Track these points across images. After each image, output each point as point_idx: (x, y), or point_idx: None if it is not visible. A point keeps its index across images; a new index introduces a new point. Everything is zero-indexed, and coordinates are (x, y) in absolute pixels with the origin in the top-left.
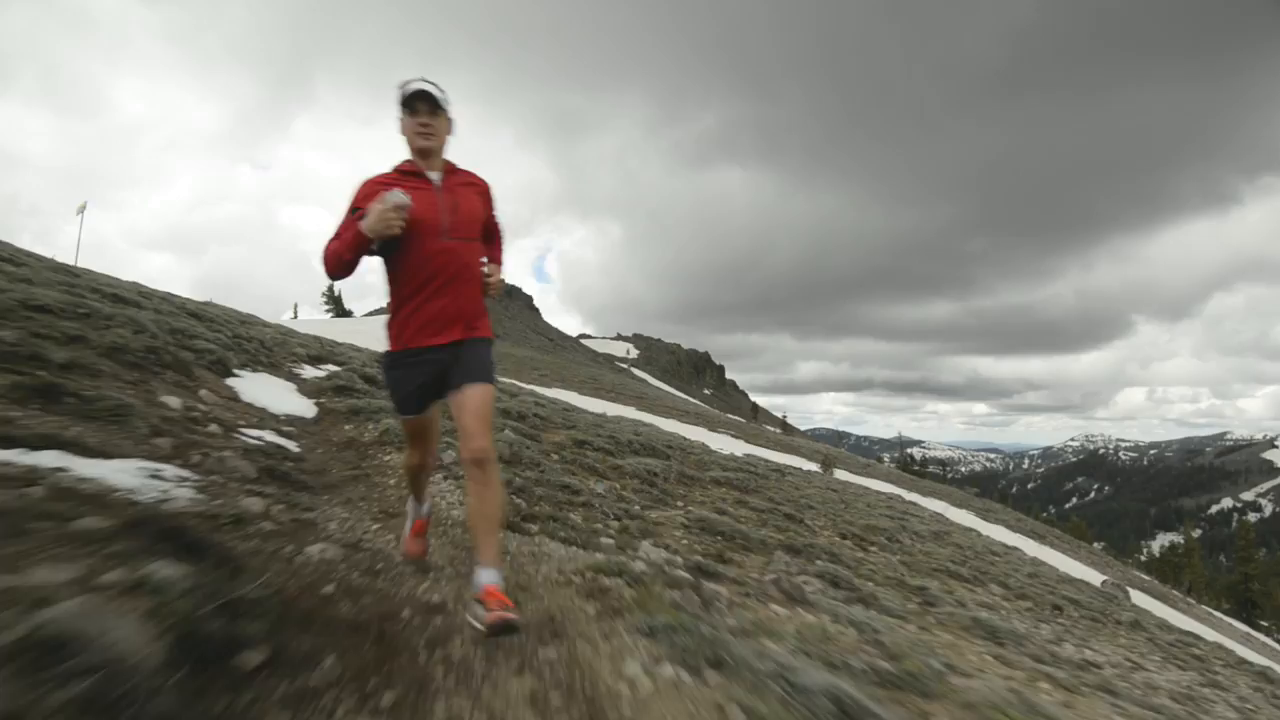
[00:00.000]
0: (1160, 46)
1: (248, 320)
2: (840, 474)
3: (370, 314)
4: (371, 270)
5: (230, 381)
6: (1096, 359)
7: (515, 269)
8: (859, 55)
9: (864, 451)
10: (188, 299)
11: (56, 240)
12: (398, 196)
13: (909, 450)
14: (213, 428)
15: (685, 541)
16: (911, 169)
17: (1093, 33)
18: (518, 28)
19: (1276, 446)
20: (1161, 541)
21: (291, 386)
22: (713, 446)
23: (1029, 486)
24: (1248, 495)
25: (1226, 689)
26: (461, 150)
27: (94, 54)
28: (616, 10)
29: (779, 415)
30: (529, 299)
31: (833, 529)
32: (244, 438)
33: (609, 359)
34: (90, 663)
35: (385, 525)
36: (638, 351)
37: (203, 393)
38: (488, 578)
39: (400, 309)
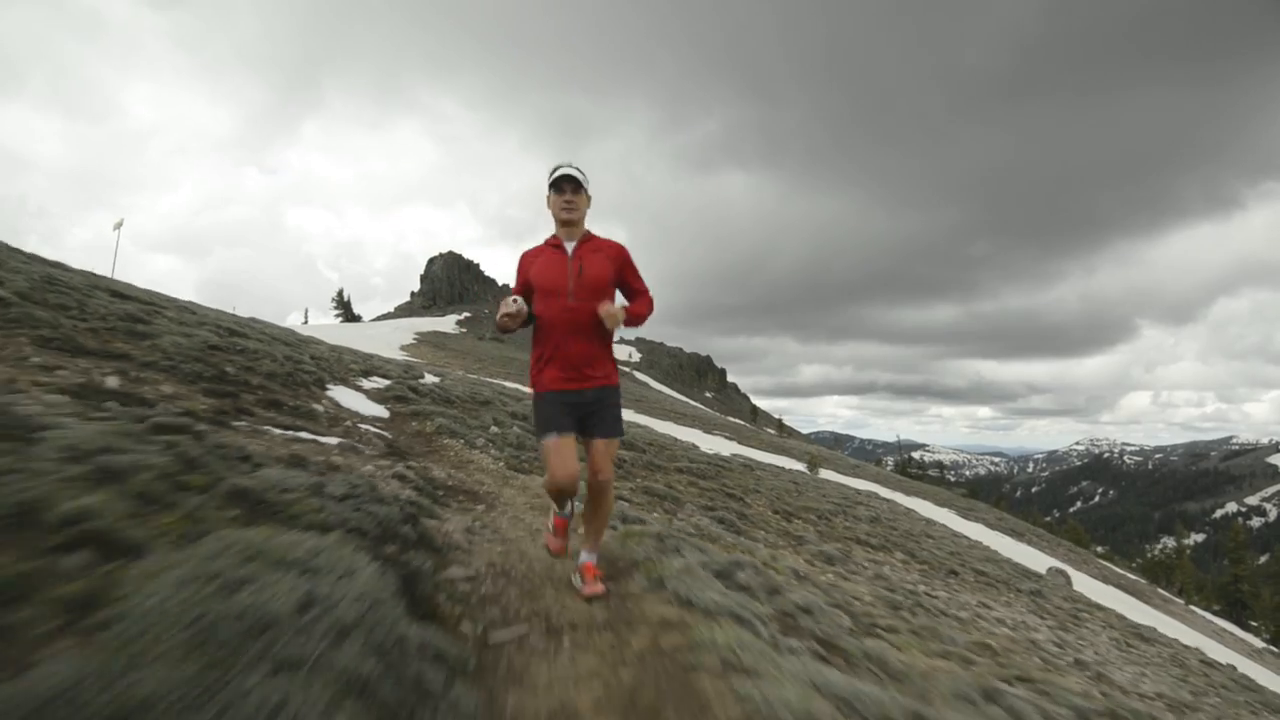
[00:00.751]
0: (1160, 52)
1: (305, 340)
2: (826, 474)
3: (376, 319)
4: (376, 274)
5: (329, 393)
6: (1101, 363)
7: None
8: (862, 60)
9: (867, 455)
10: (273, 325)
11: (64, 241)
12: (508, 306)
13: (912, 454)
14: (348, 423)
15: (626, 498)
16: (914, 173)
17: (1094, 39)
18: (524, 34)
19: None
20: (1165, 545)
21: (361, 396)
22: (702, 447)
23: (1033, 490)
24: (1252, 500)
25: (1074, 632)
26: (468, 155)
27: (104, 58)
28: (621, 16)
29: (775, 418)
30: None
31: (768, 506)
32: (363, 428)
33: None
34: (410, 481)
35: (458, 470)
36: (640, 355)
37: (324, 401)
38: (586, 557)
39: (539, 356)
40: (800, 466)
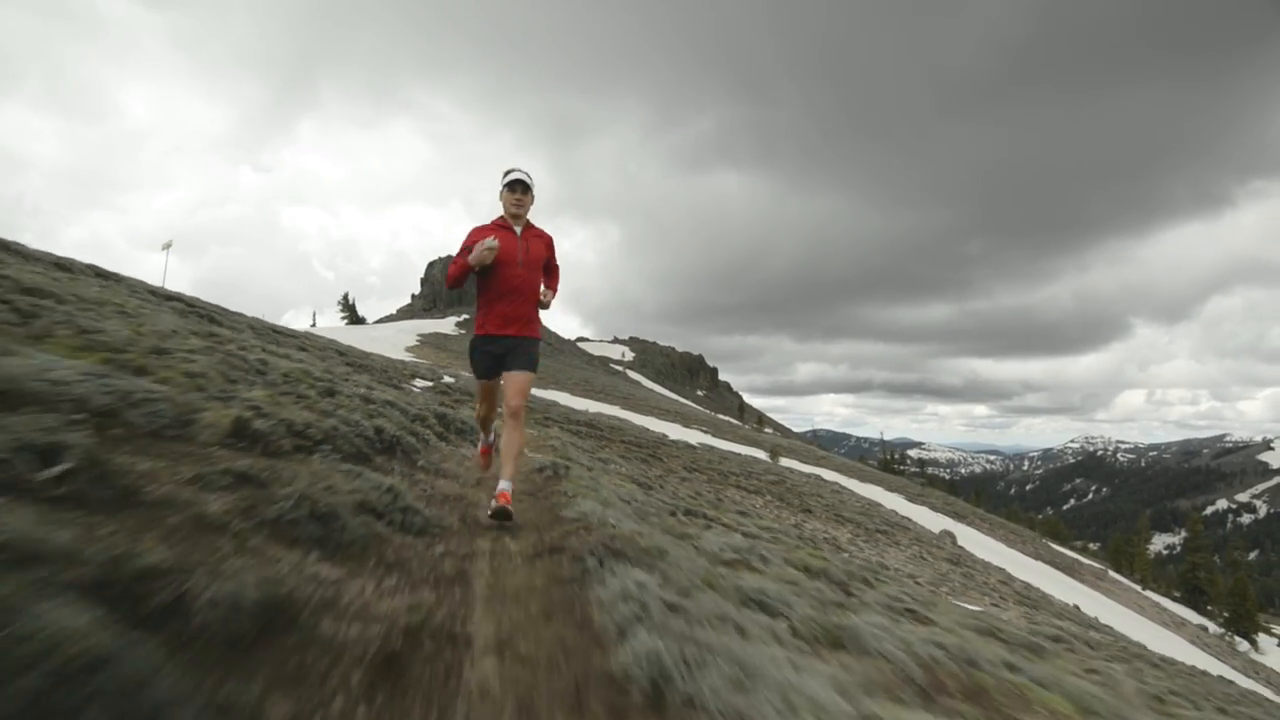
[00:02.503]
0: (1149, 52)
1: (368, 354)
2: (788, 462)
3: (380, 321)
4: (372, 273)
5: (413, 384)
6: (1095, 361)
7: None
8: (854, 59)
9: (863, 453)
10: (341, 343)
11: (59, 239)
12: (491, 241)
13: (908, 452)
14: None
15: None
16: (908, 172)
17: (1080, 40)
18: (518, 34)
19: (1272, 448)
20: (1157, 543)
21: (423, 390)
22: (671, 436)
23: (1027, 488)
24: (1242, 497)
25: (874, 543)
26: (462, 155)
27: (101, 58)
28: (615, 16)
29: (756, 414)
30: None
31: (680, 465)
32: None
33: (604, 361)
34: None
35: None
36: (633, 354)
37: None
38: (504, 485)
39: (483, 309)
40: (763, 455)
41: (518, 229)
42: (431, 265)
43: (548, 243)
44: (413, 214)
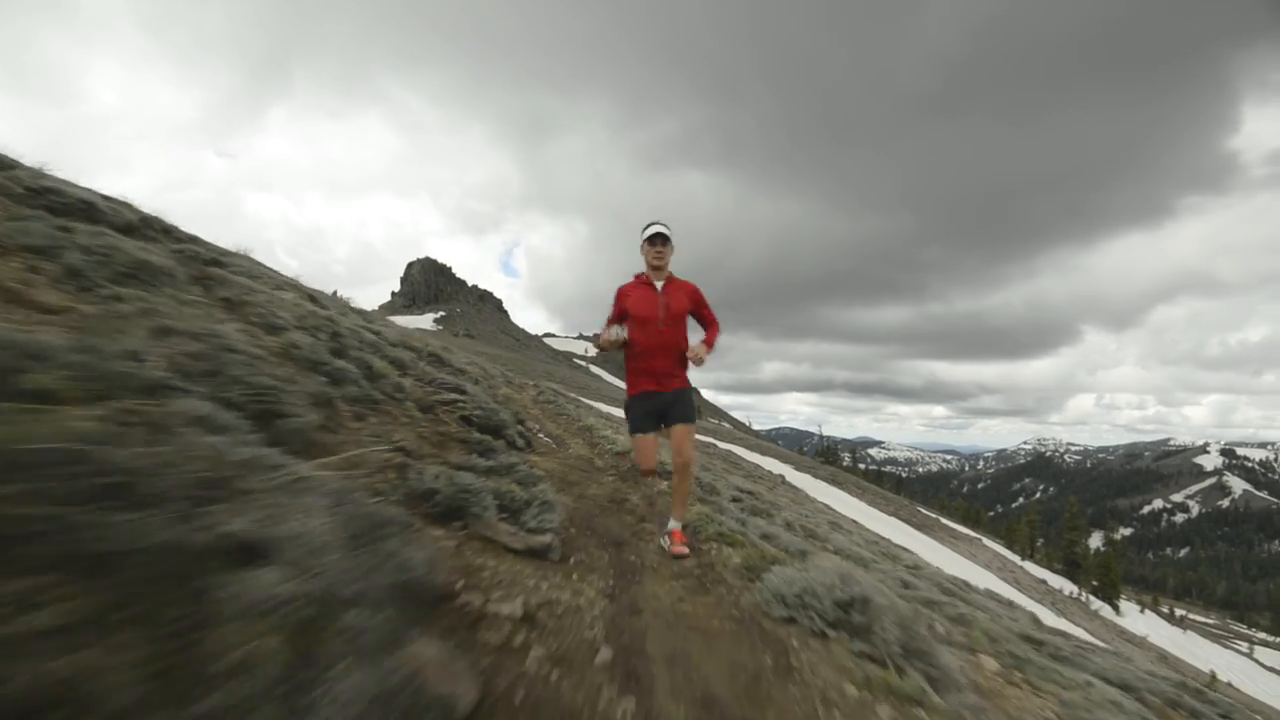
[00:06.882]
0: (1092, 72)
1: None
2: (699, 436)
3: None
4: (338, 262)
5: None
6: (1047, 365)
7: (483, 265)
8: (819, 68)
9: (825, 451)
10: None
11: None
12: (617, 333)
13: (869, 450)
14: None
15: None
16: (870, 178)
17: (1027, 58)
18: (490, 29)
19: (1208, 452)
20: (1095, 539)
21: None
22: (600, 408)
23: (979, 486)
24: (1177, 497)
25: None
26: (432, 147)
27: (65, 41)
28: (586, 14)
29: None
30: (499, 302)
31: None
32: None
33: (568, 356)
34: None
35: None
36: (596, 350)
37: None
38: (675, 524)
39: (631, 368)
40: None
41: (659, 283)
42: (410, 265)
43: (690, 293)
44: (381, 204)
